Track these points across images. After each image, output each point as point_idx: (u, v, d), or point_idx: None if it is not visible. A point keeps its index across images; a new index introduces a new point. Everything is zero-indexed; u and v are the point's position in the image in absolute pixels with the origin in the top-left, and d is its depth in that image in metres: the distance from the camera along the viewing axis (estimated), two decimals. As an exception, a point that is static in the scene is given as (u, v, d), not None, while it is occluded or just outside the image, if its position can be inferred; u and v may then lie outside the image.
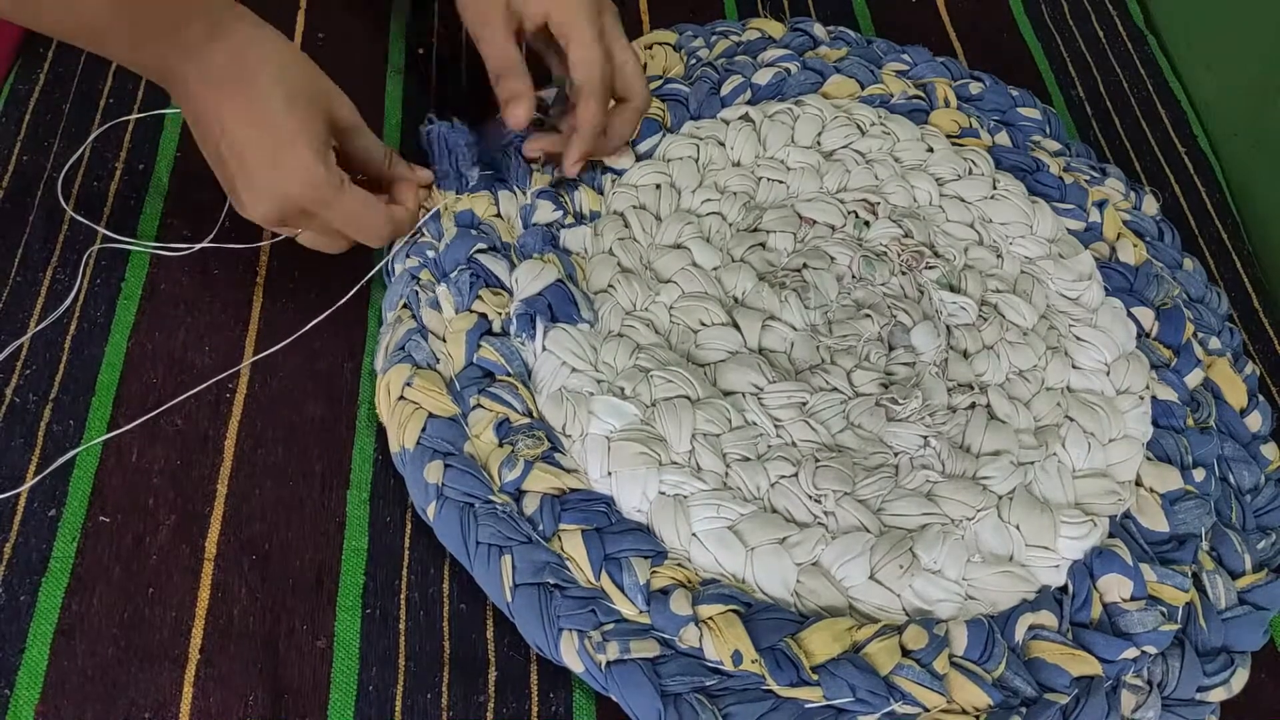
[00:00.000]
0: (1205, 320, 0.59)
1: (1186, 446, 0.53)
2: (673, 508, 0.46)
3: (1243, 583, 0.50)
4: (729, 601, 0.44)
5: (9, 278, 0.53)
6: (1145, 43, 0.78)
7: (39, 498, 0.47)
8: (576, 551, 0.45)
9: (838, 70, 0.66)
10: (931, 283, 0.57)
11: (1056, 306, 0.58)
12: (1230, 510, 0.52)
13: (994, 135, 0.65)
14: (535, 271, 0.52)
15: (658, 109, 0.61)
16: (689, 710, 0.42)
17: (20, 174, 0.57)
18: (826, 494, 0.47)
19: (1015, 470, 0.50)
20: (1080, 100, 0.73)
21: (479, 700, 0.44)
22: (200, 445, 0.49)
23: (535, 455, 0.47)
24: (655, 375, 0.50)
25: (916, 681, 0.43)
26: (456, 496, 0.46)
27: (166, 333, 0.52)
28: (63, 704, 0.42)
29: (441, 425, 0.48)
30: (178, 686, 0.43)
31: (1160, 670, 0.46)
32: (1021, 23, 0.78)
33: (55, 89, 0.61)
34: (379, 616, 0.46)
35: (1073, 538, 0.48)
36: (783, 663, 0.43)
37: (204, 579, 0.46)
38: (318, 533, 0.47)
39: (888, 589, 0.46)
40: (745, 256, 0.56)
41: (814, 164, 0.61)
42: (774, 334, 0.53)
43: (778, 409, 0.50)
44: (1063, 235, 0.61)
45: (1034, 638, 0.46)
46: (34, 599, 0.44)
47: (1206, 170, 0.71)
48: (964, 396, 0.52)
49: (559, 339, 0.51)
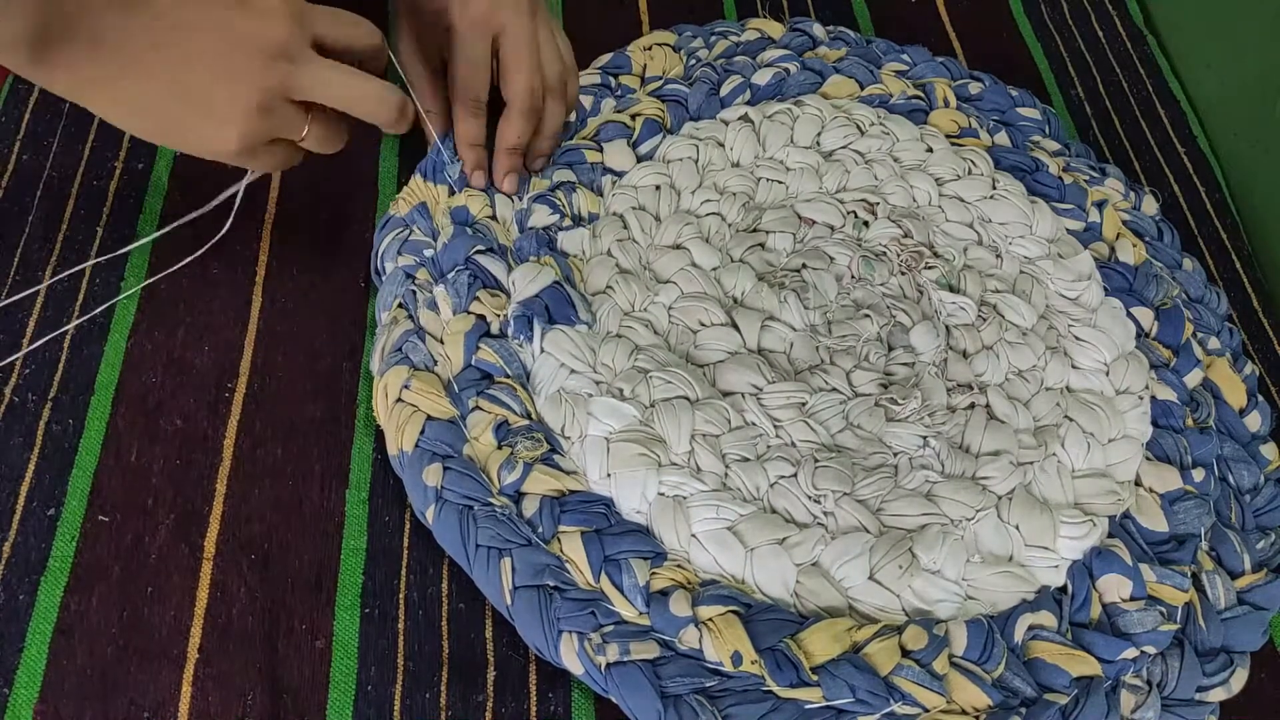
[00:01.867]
0: (1205, 320, 0.59)
1: (1186, 446, 0.53)
2: (672, 509, 0.46)
3: (1242, 583, 0.50)
4: (729, 602, 0.44)
5: (9, 278, 0.53)
6: (1145, 43, 0.78)
7: (38, 497, 0.47)
8: (576, 553, 0.45)
9: (837, 70, 0.66)
10: (931, 283, 0.57)
11: (1056, 306, 0.58)
12: (1230, 510, 0.52)
13: (993, 135, 0.65)
14: (532, 274, 0.52)
15: (658, 110, 0.61)
16: (689, 711, 0.42)
17: (20, 174, 0.57)
18: (826, 494, 0.47)
19: (1015, 470, 0.50)
20: (1080, 100, 0.73)
21: (478, 700, 0.44)
22: (199, 445, 0.49)
23: (534, 457, 0.47)
24: (654, 376, 0.50)
25: (916, 682, 0.43)
26: (455, 499, 0.46)
27: (166, 332, 0.52)
28: (61, 703, 0.42)
29: (440, 428, 0.48)
30: (176, 686, 0.43)
31: (1160, 670, 0.46)
32: (1021, 23, 0.78)
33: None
34: (378, 616, 0.46)
35: (1072, 538, 0.48)
36: (783, 663, 0.43)
37: (203, 578, 0.46)
38: (317, 532, 0.47)
39: (887, 589, 0.46)
40: (744, 257, 0.56)
41: (813, 164, 0.61)
42: (773, 334, 0.53)
43: (777, 409, 0.50)
44: (1062, 235, 0.61)
45: (1034, 638, 0.46)
46: (33, 598, 0.44)
47: (1206, 170, 0.71)
48: (963, 396, 0.52)
49: (557, 340, 0.51)
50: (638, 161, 0.60)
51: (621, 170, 0.59)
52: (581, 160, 0.59)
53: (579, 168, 0.58)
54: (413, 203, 0.56)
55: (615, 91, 0.63)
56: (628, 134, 0.60)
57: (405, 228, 0.55)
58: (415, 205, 0.55)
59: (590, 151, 0.59)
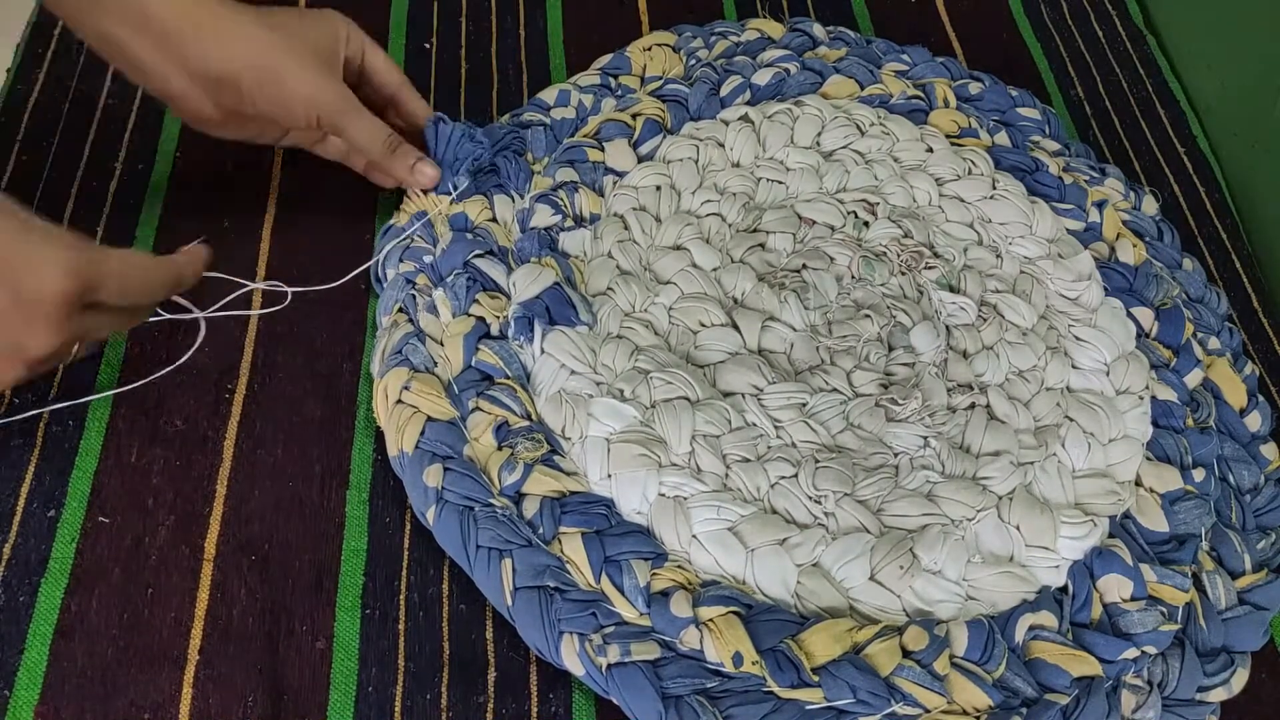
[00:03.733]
0: (1205, 320, 0.59)
1: (1186, 446, 0.53)
2: (673, 509, 0.46)
3: (1243, 583, 0.50)
4: (729, 603, 0.44)
5: (8, 278, 0.53)
6: (1145, 43, 0.78)
7: (38, 498, 0.47)
8: (576, 554, 0.45)
9: (837, 70, 0.66)
10: (931, 283, 0.57)
11: (1056, 307, 0.58)
12: (1230, 510, 0.52)
13: (993, 135, 0.65)
14: (533, 275, 0.52)
15: (658, 110, 0.61)
16: (690, 712, 0.42)
17: (20, 174, 0.57)
18: (826, 495, 0.47)
19: (1015, 470, 0.50)
20: (1080, 100, 0.73)
21: (478, 701, 0.44)
22: (199, 445, 0.49)
23: (535, 458, 0.47)
24: (655, 377, 0.50)
25: (917, 682, 0.43)
26: (456, 500, 0.46)
27: (166, 333, 0.52)
28: (62, 705, 0.42)
29: (440, 429, 0.48)
30: (177, 687, 0.43)
31: (1160, 670, 0.46)
32: (1021, 23, 0.78)
33: (55, 89, 0.61)
34: (378, 617, 0.46)
35: (1073, 538, 0.48)
36: (783, 664, 0.43)
37: (203, 579, 0.46)
38: (317, 533, 0.47)
39: (888, 590, 0.46)
40: (745, 257, 0.56)
41: (813, 164, 0.61)
42: (773, 335, 0.53)
43: (777, 410, 0.50)
44: (1062, 235, 0.61)
45: (1034, 638, 0.46)
46: (33, 599, 0.44)
47: (1206, 170, 0.71)
48: (964, 397, 0.52)
49: (557, 341, 0.51)
50: (638, 162, 0.60)
51: (622, 170, 0.59)
52: (584, 159, 0.59)
53: (581, 166, 0.58)
54: (411, 212, 0.56)
55: (615, 92, 0.63)
56: (628, 133, 0.60)
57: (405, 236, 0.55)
58: (414, 214, 0.55)
59: (592, 150, 0.59)
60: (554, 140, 0.60)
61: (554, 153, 0.59)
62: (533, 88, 0.66)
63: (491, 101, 0.65)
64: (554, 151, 0.60)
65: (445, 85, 0.66)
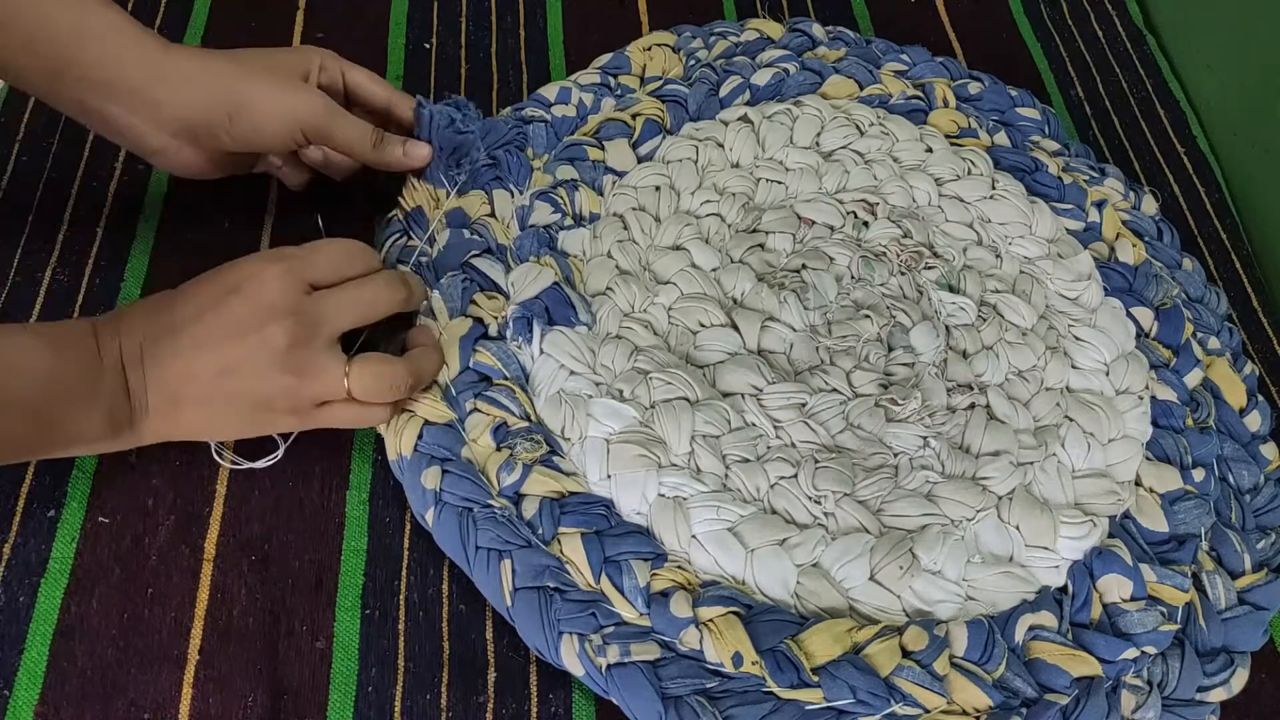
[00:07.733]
0: (1205, 320, 0.59)
1: (1186, 446, 0.53)
2: (672, 510, 0.46)
3: (1242, 583, 0.50)
4: (729, 603, 0.44)
5: (9, 278, 0.53)
6: (1145, 43, 0.78)
7: (38, 498, 0.47)
8: (576, 555, 0.45)
9: (836, 70, 0.66)
10: (930, 283, 0.57)
11: (1056, 307, 0.58)
12: (1230, 510, 0.52)
13: (993, 135, 0.65)
14: (532, 275, 0.52)
15: (657, 110, 0.61)
16: (690, 712, 0.42)
17: (20, 174, 0.57)
18: (826, 495, 0.47)
19: (1015, 470, 0.50)
20: (1079, 100, 0.73)
21: (478, 701, 0.44)
22: (199, 445, 0.49)
23: (533, 459, 0.47)
24: (654, 377, 0.50)
25: (917, 683, 0.43)
26: (455, 502, 0.46)
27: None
28: (62, 705, 0.42)
29: (438, 431, 0.48)
30: (177, 687, 0.43)
31: (1160, 670, 0.46)
32: (1021, 23, 0.78)
33: (54, 90, 0.61)
34: (378, 617, 0.46)
35: (1072, 538, 0.48)
36: (783, 664, 0.43)
37: (203, 579, 0.46)
38: (317, 533, 0.47)
39: (888, 590, 0.46)
40: (744, 257, 0.56)
41: (813, 164, 0.61)
42: (773, 335, 0.53)
43: (777, 410, 0.50)
44: (1062, 235, 0.61)
45: (1034, 638, 0.46)
46: (33, 600, 0.44)
47: (1206, 170, 0.71)
48: (963, 397, 0.52)
49: (557, 342, 0.51)
50: (638, 162, 0.60)
51: (622, 170, 0.59)
52: (584, 157, 0.59)
53: (581, 164, 0.58)
54: (411, 204, 0.56)
55: (615, 91, 0.63)
56: (628, 133, 0.60)
57: (403, 234, 0.55)
58: (411, 210, 0.55)
59: (592, 149, 0.59)
60: (554, 137, 0.60)
61: (554, 150, 0.59)
62: (532, 88, 0.66)
63: (492, 101, 0.65)
64: (554, 148, 0.60)
65: (445, 85, 0.66)
